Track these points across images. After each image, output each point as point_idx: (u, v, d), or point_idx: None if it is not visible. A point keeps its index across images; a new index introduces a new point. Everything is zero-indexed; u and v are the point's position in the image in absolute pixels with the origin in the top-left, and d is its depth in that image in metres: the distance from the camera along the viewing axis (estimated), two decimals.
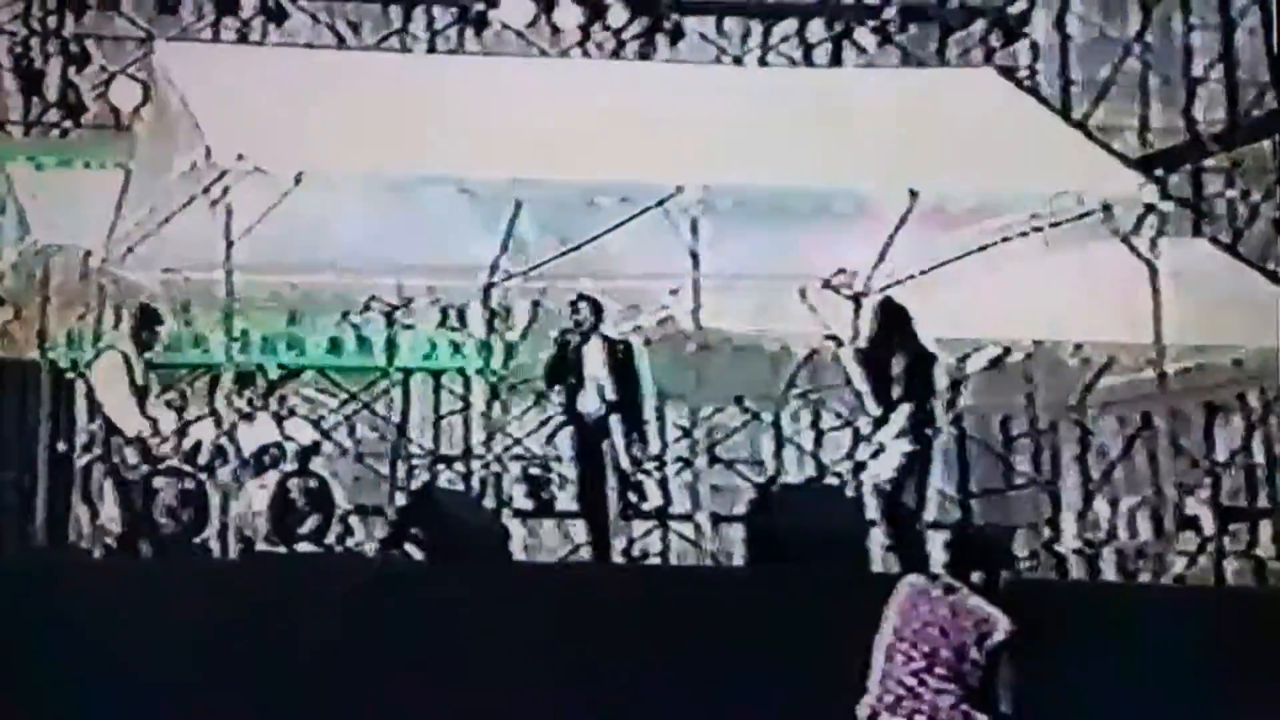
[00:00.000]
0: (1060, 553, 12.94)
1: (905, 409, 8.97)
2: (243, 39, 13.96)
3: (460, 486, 12.45)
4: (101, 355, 9.54)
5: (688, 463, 10.90)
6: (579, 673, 7.60)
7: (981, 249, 10.27)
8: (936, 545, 8.27)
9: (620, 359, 9.71)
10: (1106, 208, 9.55)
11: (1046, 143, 10.33)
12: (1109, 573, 12.50)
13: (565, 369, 9.64)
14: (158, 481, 9.30)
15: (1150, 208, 9.54)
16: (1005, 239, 10.11)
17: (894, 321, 9.16)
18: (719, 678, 7.72)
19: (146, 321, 9.57)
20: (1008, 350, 11.14)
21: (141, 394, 9.26)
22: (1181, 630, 7.85)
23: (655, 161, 9.35)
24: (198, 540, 9.34)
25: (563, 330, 9.77)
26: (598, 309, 9.79)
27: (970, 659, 6.05)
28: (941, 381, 9.33)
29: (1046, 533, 13.06)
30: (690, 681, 7.72)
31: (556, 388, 9.74)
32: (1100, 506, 13.39)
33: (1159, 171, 11.22)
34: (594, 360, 9.59)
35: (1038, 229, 9.93)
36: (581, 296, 9.82)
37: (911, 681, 6.05)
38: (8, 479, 11.94)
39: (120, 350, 9.36)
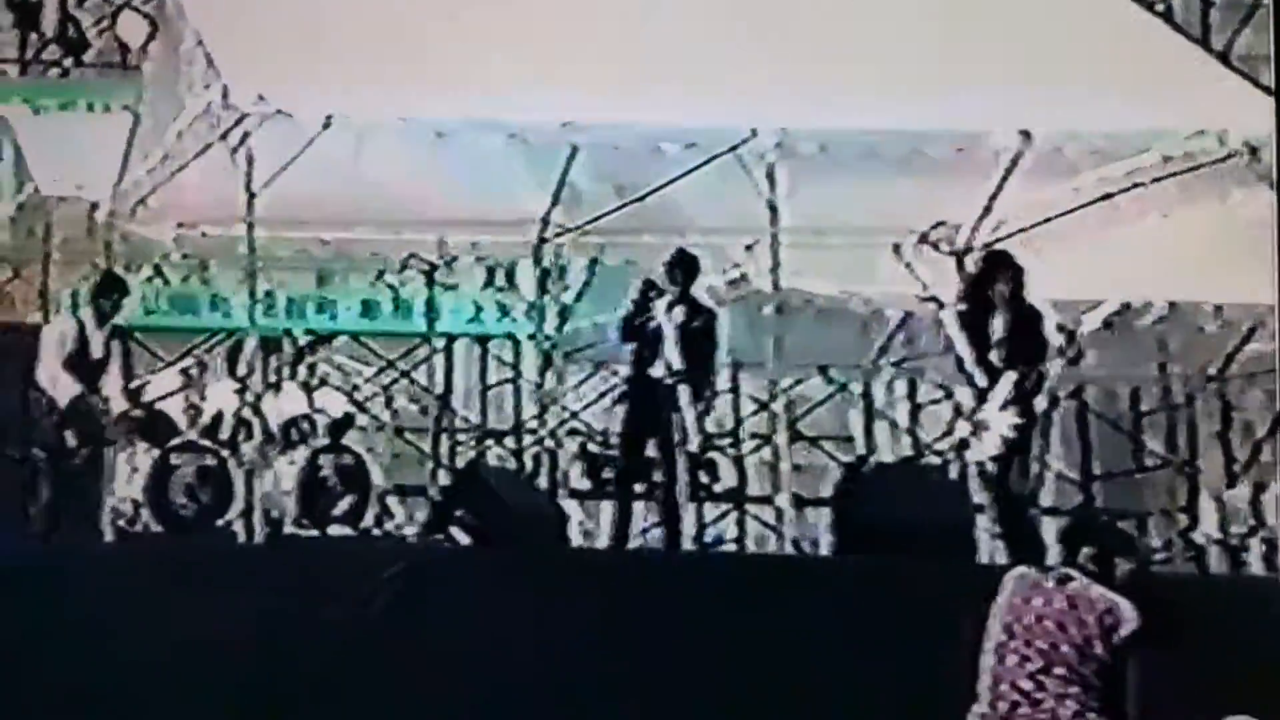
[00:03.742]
0: (1198, 543, 13.01)
1: (1010, 376, 9.15)
2: None
3: (510, 464, 12.67)
4: (55, 321, 9.87)
5: (766, 439, 11.09)
6: (642, 670, 7.81)
7: (1105, 198, 10.39)
8: (1052, 533, 8.41)
9: (700, 326, 9.87)
10: (1252, 149, 9.70)
11: (1181, 74, 10.44)
12: (1255, 566, 12.54)
13: (640, 327, 9.77)
14: (175, 458, 9.68)
15: None
16: (1133, 186, 10.23)
17: (1001, 276, 9.30)
18: (802, 681, 7.87)
19: (105, 289, 9.82)
20: (1127, 306, 11.19)
21: (95, 368, 9.56)
22: None
23: (726, 101, 9.55)
24: (220, 523, 9.68)
25: (647, 281, 9.91)
26: (692, 268, 9.88)
27: (1094, 655, 6.01)
28: (1053, 345, 9.44)
29: (1182, 520, 13.13)
30: (769, 684, 7.89)
31: (629, 346, 9.90)
32: (1245, 491, 13.42)
33: None
34: (670, 324, 9.76)
35: (1172, 174, 10.03)
36: (681, 251, 9.91)
37: (1028, 685, 6.01)
38: (9, 456, 12.32)
39: (77, 319, 9.67)
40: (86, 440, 9.50)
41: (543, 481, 11.41)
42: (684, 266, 9.76)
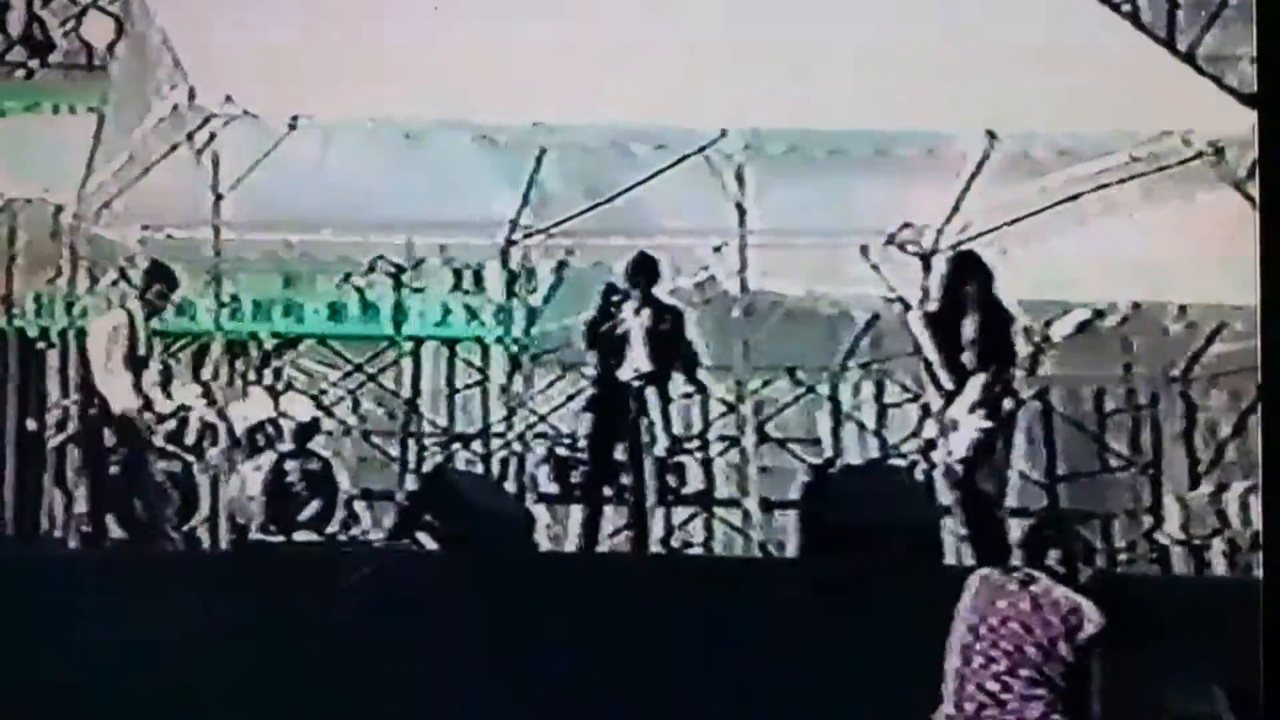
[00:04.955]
0: (1162, 544, 13.03)
1: (979, 379, 9.12)
2: None
3: (478, 468, 12.65)
4: (104, 315, 9.74)
5: (734, 441, 11.07)
6: (611, 674, 7.79)
7: (1071, 199, 10.39)
8: (1017, 534, 8.39)
9: (666, 328, 9.85)
10: (1217, 150, 9.67)
11: (1147, 76, 10.44)
12: (1218, 567, 12.56)
13: (607, 332, 9.78)
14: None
15: None
16: (1099, 187, 10.22)
17: (969, 277, 9.29)
18: (769, 683, 7.87)
19: (154, 280, 9.67)
20: (1100, 313, 11.23)
21: (139, 366, 9.47)
22: None
23: (695, 102, 9.52)
24: (185, 528, 9.61)
25: (609, 285, 9.92)
26: (653, 271, 9.89)
27: (1058, 655, 6.06)
28: (1022, 348, 9.45)
29: (1147, 521, 13.15)
30: (737, 687, 7.89)
31: (594, 353, 9.90)
32: (1208, 492, 13.43)
33: None
34: (637, 327, 9.75)
35: (1137, 175, 10.03)
36: (642, 254, 9.95)
37: (994, 687, 6.07)
38: None
39: (127, 311, 9.55)
40: (129, 441, 9.37)
41: (510, 485, 11.38)
42: (644, 270, 9.77)
